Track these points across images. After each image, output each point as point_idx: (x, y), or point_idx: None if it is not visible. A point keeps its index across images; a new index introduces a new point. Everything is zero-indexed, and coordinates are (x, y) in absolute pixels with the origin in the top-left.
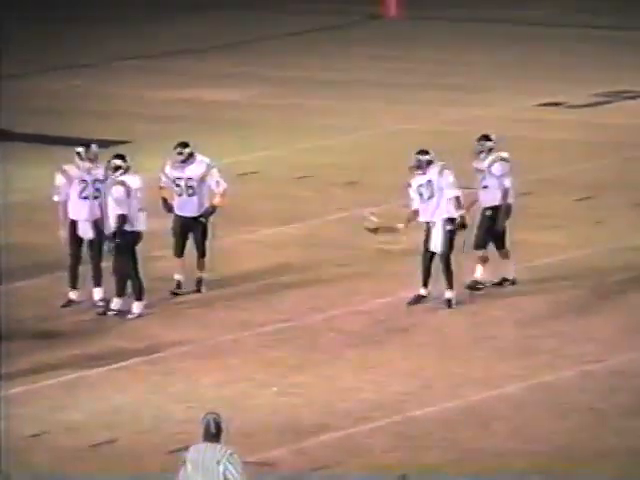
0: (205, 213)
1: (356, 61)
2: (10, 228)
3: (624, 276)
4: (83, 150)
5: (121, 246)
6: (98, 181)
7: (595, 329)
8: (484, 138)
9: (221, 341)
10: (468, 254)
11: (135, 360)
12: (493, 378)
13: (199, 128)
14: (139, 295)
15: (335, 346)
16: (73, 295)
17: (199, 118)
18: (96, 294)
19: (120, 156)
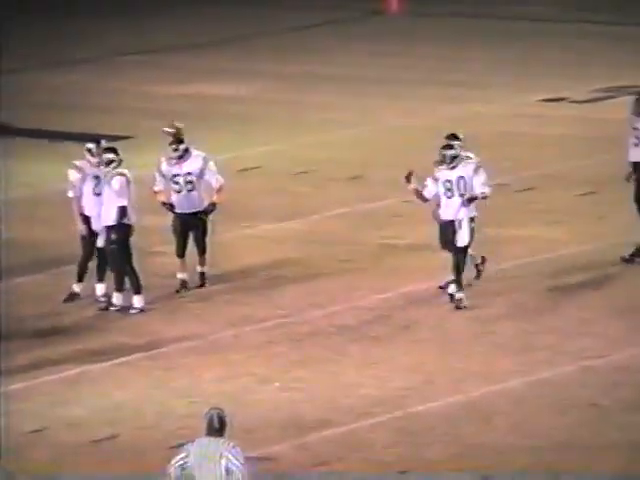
0: (206, 210)
1: (356, 57)
2: (11, 224)
3: (626, 271)
4: (94, 146)
5: (119, 239)
6: None
7: (596, 325)
8: (452, 137)
9: (222, 336)
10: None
11: (137, 355)
12: (494, 373)
13: (199, 123)
14: (138, 289)
15: (336, 342)
16: (77, 288)
17: (199, 113)
18: (98, 289)
19: (112, 149)
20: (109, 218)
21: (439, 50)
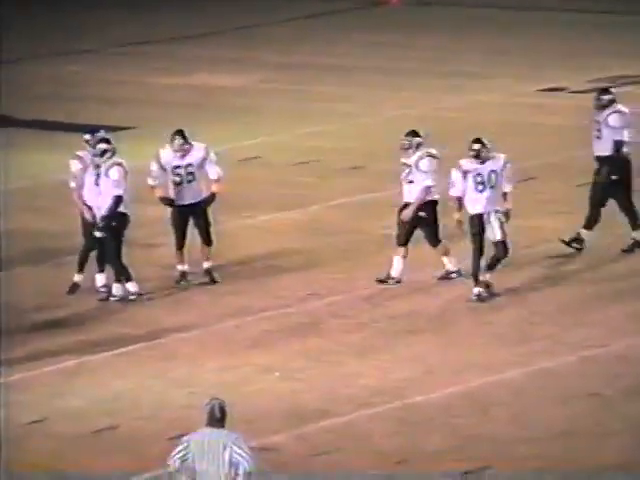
0: (206, 201)
1: (357, 47)
2: (12, 214)
3: (626, 262)
4: (90, 137)
5: (116, 229)
6: None
7: (596, 315)
8: (412, 134)
9: (223, 327)
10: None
11: (136, 346)
12: (493, 364)
13: (200, 114)
14: (128, 276)
15: (337, 332)
16: (77, 278)
17: (200, 104)
18: (99, 280)
19: (105, 140)
20: (105, 207)
21: (440, 40)
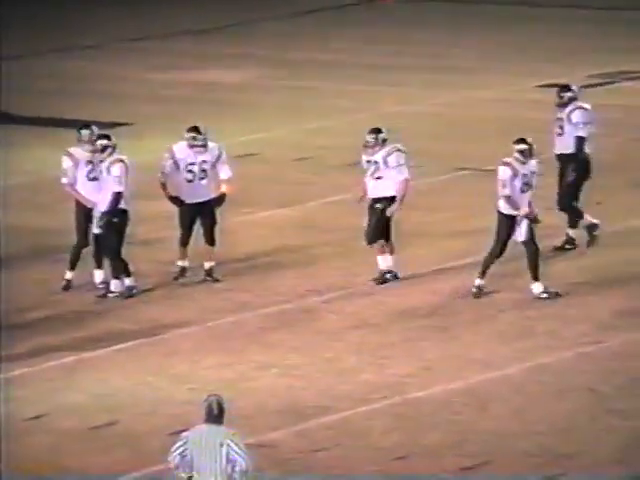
0: (217, 201)
1: (354, 43)
2: (11, 211)
3: (623, 257)
4: (86, 132)
5: (117, 225)
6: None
7: (594, 311)
8: (375, 131)
9: (221, 323)
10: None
11: (135, 342)
12: (493, 360)
13: (199, 110)
14: (128, 273)
15: (335, 328)
16: (69, 276)
17: (199, 99)
18: (97, 276)
19: (105, 136)
20: (106, 204)
21: (435, 36)
